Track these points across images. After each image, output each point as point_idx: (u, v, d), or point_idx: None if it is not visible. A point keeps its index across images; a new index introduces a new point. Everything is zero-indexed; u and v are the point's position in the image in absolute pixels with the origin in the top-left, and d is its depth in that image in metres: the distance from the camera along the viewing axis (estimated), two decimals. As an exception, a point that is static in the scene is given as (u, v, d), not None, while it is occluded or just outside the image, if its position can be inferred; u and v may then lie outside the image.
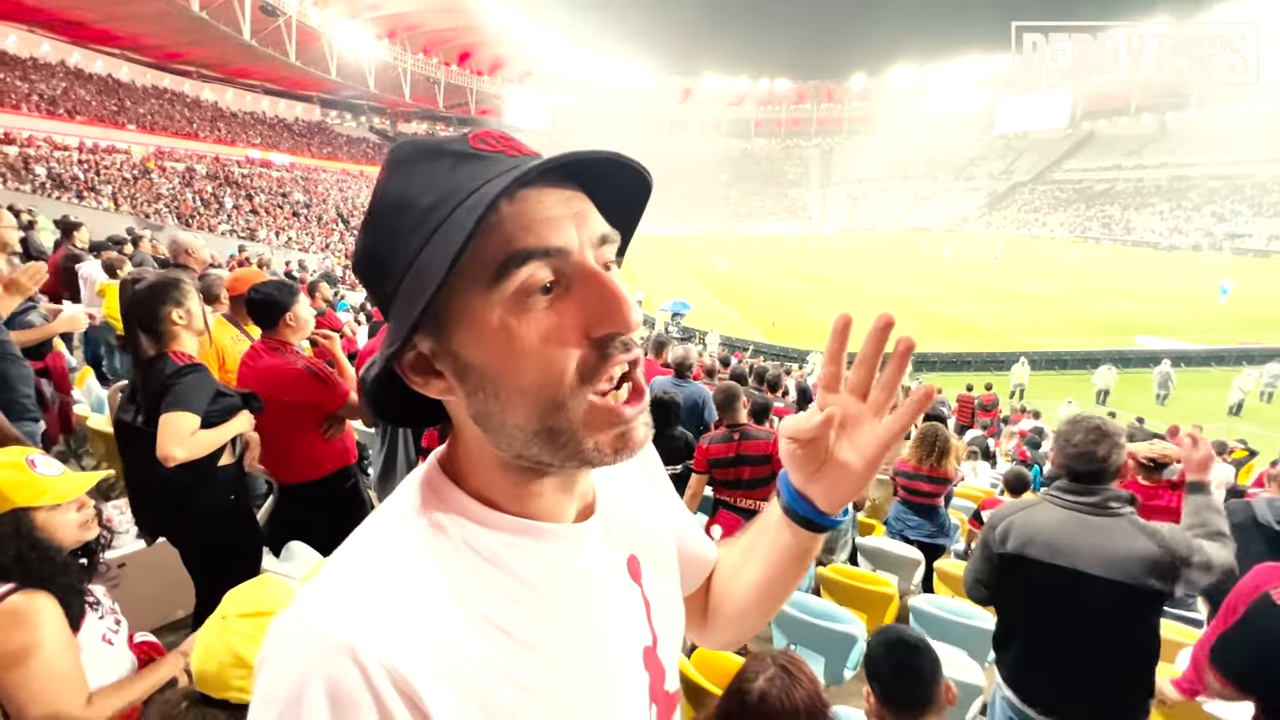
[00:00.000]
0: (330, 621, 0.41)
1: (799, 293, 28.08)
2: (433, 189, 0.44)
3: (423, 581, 0.45)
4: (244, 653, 1.02)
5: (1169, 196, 52.91)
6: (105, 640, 1.38)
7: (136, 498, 2.05)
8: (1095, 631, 1.76)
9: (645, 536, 0.62)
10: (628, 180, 0.51)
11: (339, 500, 2.46)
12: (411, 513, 0.48)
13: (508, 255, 0.42)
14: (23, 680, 1.18)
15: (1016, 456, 7.66)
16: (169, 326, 1.95)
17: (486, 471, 0.50)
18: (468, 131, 0.47)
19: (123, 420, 1.96)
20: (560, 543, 0.51)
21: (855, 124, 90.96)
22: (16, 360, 1.91)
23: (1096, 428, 1.79)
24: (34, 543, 1.27)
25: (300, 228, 28.85)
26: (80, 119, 28.60)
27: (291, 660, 0.40)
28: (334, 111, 57.60)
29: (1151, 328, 20.17)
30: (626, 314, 0.45)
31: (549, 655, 0.47)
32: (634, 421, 0.47)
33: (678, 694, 0.63)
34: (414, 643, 0.42)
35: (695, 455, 3.20)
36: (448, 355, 0.46)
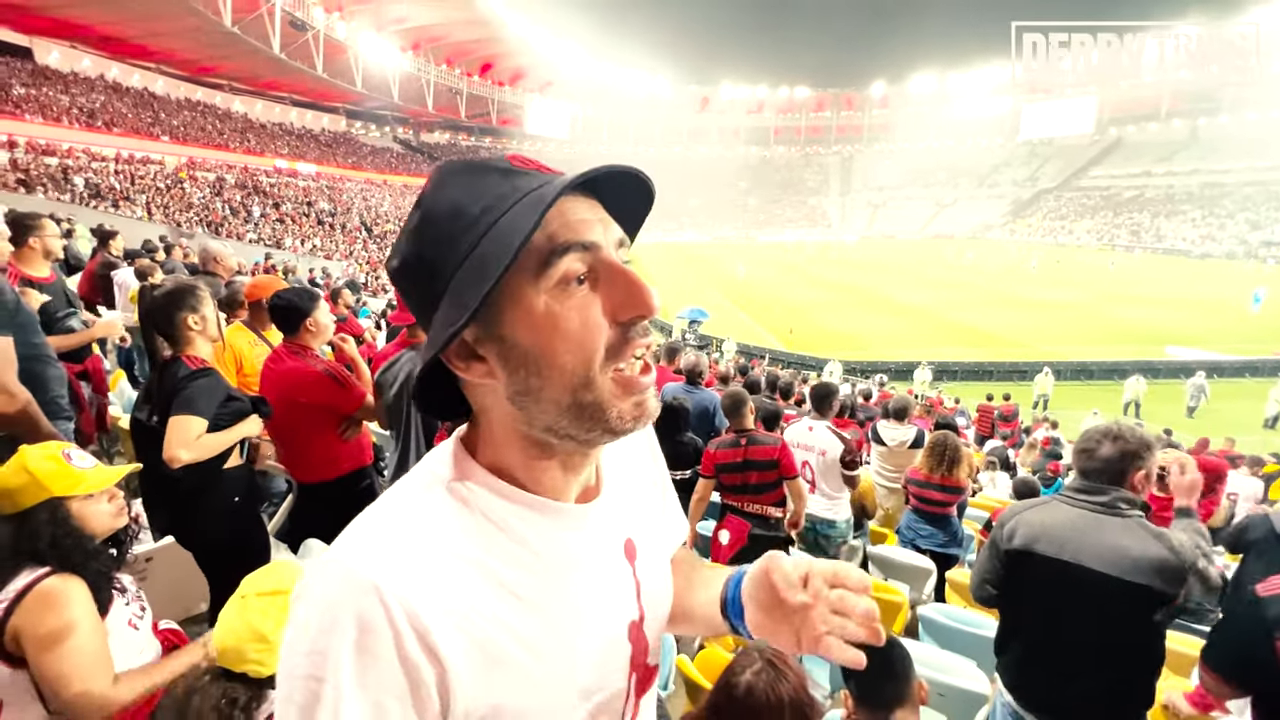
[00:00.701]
0: (362, 563, 0.48)
1: (818, 300, 27.92)
2: (484, 196, 0.51)
3: (443, 539, 0.51)
4: (261, 628, 1.08)
5: (1201, 204, 51.54)
6: (131, 625, 1.45)
7: (148, 494, 2.14)
8: (1095, 631, 1.75)
9: (644, 522, 0.69)
10: (634, 193, 0.58)
11: (355, 499, 2.53)
12: (437, 480, 0.55)
13: (553, 247, 0.50)
14: (56, 659, 1.25)
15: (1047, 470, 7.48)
16: (184, 331, 2.04)
17: (506, 448, 0.57)
18: (506, 154, 0.56)
19: (137, 419, 2.06)
20: (562, 519, 0.58)
21: (875, 131, 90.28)
22: (52, 362, 2.02)
23: (1108, 430, 1.79)
24: (68, 530, 1.35)
25: (325, 236, 29.48)
26: (117, 131, 29.59)
27: (327, 592, 0.47)
28: (359, 122, 58.82)
29: (1182, 338, 19.65)
30: (649, 299, 0.52)
31: (547, 616, 0.54)
32: (648, 390, 0.54)
33: (657, 668, 0.69)
34: (431, 590, 0.48)
35: (703, 460, 3.22)
36: (493, 340, 0.52)
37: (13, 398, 1.78)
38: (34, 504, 1.34)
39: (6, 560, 1.30)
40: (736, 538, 3.09)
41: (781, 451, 3.11)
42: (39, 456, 1.37)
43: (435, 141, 69.15)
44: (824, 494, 3.71)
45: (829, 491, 3.71)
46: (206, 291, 2.11)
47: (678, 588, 0.76)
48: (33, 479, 1.34)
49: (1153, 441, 1.85)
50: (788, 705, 1.16)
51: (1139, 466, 1.77)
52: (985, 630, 2.75)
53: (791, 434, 3.84)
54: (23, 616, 1.25)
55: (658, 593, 0.68)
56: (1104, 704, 1.79)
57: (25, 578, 1.29)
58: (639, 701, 0.65)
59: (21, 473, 1.35)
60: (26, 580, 1.29)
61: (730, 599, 0.67)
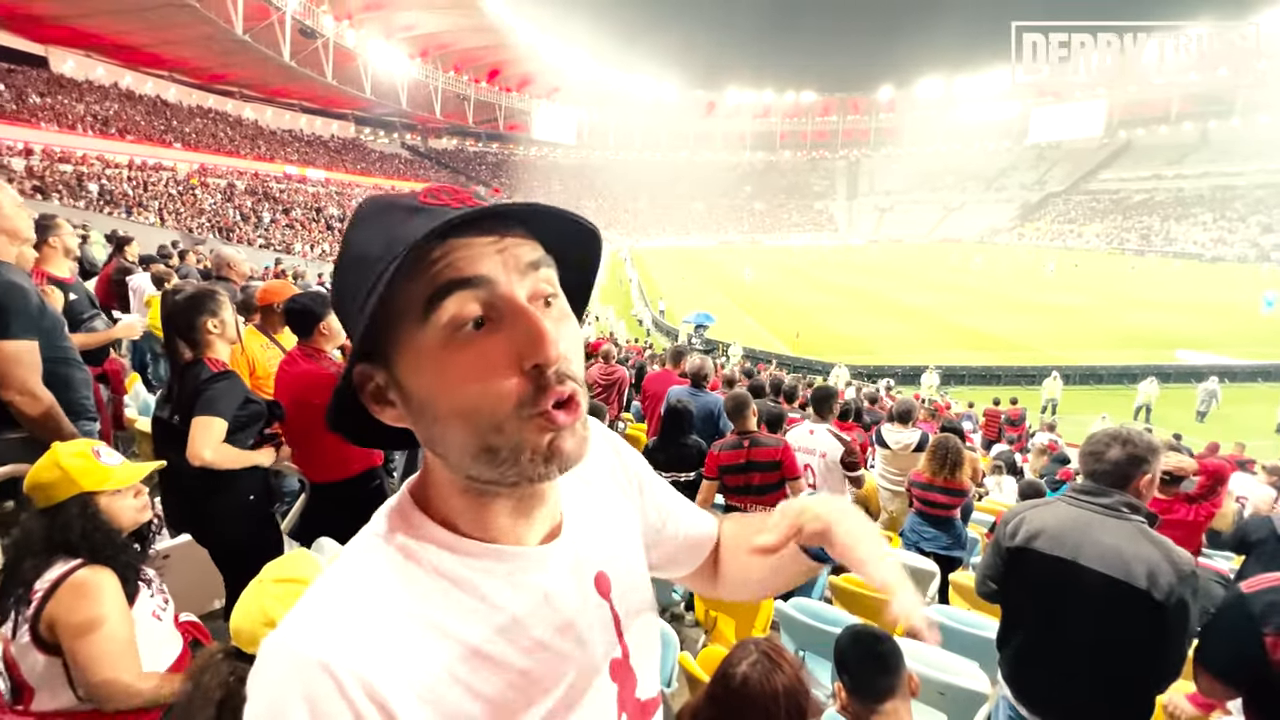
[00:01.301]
0: (305, 641, 0.45)
1: (824, 304, 27.90)
2: (381, 241, 0.49)
3: (390, 602, 0.48)
4: (273, 614, 1.14)
5: (1212, 206, 51.20)
6: (155, 616, 1.52)
7: (167, 492, 2.20)
8: (1093, 629, 1.77)
9: (616, 552, 0.65)
10: (572, 230, 0.55)
11: (365, 499, 2.58)
12: (380, 540, 0.53)
13: (434, 289, 0.47)
14: (87, 646, 1.32)
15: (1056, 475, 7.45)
16: (204, 335, 2.11)
17: (449, 497, 0.54)
18: (421, 189, 0.53)
19: (159, 418, 2.14)
20: (522, 564, 0.55)
21: (882, 135, 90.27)
22: (78, 365, 2.10)
23: (1116, 434, 1.81)
24: (97, 524, 1.42)
25: (334, 241, 29.75)
26: (130, 138, 30.04)
27: (272, 678, 0.45)
28: (367, 128, 59.43)
29: (1193, 341, 19.51)
30: (546, 348, 0.47)
31: (513, 671, 0.51)
32: (563, 429, 0.49)
33: (655, 700, 0.66)
34: (384, 658, 0.45)
35: (706, 461, 3.26)
36: (395, 386, 0.51)
37: (37, 400, 1.84)
38: (65, 498, 1.41)
39: (41, 552, 1.37)
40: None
41: (784, 452, 3.14)
42: (70, 453, 1.44)
43: (443, 147, 69.68)
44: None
45: (831, 494, 3.74)
46: (225, 296, 2.18)
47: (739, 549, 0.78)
48: (64, 474, 1.41)
49: (1159, 446, 1.86)
50: (783, 695, 1.19)
51: (1145, 471, 1.79)
52: (987, 632, 2.77)
53: (793, 437, 3.88)
54: (57, 605, 1.32)
55: (641, 622, 0.65)
56: (1103, 704, 1.80)
57: (59, 568, 1.36)
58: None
59: (54, 468, 1.41)
60: (61, 571, 1.36)
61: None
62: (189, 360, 2.11)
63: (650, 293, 30.18)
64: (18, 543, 1.39)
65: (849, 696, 1.44)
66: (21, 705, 1.36)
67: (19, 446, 1.88)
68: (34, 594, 1.33)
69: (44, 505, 1.41)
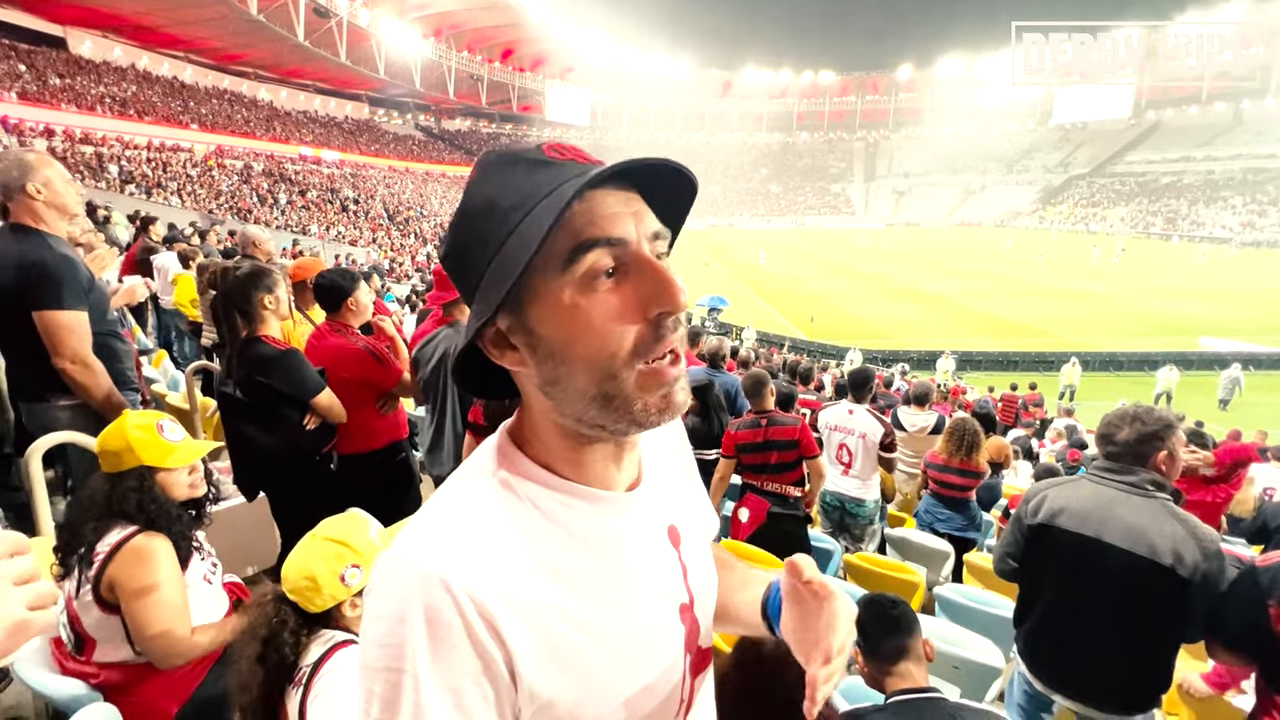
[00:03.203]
0: (426, 558, 0.50)
1: (840, 290, 27.65)
2: (513, 193, 0.52)
3: (497, 529, 0.53)
4: (313, 569, 1.21)
5: (1243, 189, 49.73)
6: (205, 580, 1.61)
7: (238, 460, 2.33)
8: (1114, 606, 1.77)
9: (685, 508, 0.71)
10: (676, 183, 0.57)
11: (392, 470, 2.67)
12: (485, 473, 0.58)
13: (577, 244, 0.50)
14: (143, 606, 1.41)
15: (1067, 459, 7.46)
16: (260, 310, 2.21)
17: (548, 440, 0.58)
18: (543, 143, 0.56)
19: (224, 393, 2.24)
20: (609, 507, 0.59)
21: (902, 116, 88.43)
22: (122, 338, 2.18)
23: (1126, 412, 1.81)
24: (153, 497, 1.51)
25: (349, 223, 29.93)
26: (148, 119, 30.27)
27: (395, 588, 0.49)
28: (381, 110, 59.28)
29: (1218, 328, 19.11)
30: (677, 295, 0.52)
31: (602, 601, 0.55)
32: (676, 383, 0.54)
33: (710, 651, 0.70)
34: (493, 580, 0.50)
35: (724, 441, 3.29)
36: (522, 330, 0.54)
37: (89, 369, 1.92)
38: (127, 469, 1.50)
39: (102, 515, 1.45)
40: (756, 516, 3.17)
41: (802, 432, 3.17)
42: (136, 425, 1.52)
43: (456, 129, 69.42)
44: (857, 475, 3.77)
45: (862, 473, 3.77)
46: (279, 274, 2.27)
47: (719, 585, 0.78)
48: (128, 446, 1.50)
49: (1173, 420, 1.84)
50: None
51: (1159, 448, 1.78)
52: (1001, 610, 2.80)
53: (830, 416, 3.89)
54: (117, 567, 1.41)
55: (703, 576, 0.69)
56: (1120, 681, 1.82)
57: (118, 533, 1.45)
58: (694, 682, 0.66)
59: (120, 438, 1.50)
60: (120, 536, 1.44)
61: (771, 599, 0.69)
62: (246, 337, 2.20)
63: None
64: (82, 501, 1.47)
65: (866, 659, 1.48)
66: (84, 655, 1.45)
67: (70, 413, 1.96)
68: (96, 555, 1.41)
69: (109, 470, 1.49)
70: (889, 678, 1.44)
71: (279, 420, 2.25)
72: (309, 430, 2.30)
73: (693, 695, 0.66)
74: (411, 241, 30.62)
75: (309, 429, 2.30)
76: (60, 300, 1.86)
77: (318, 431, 2.35)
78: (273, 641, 1.15)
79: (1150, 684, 1.83)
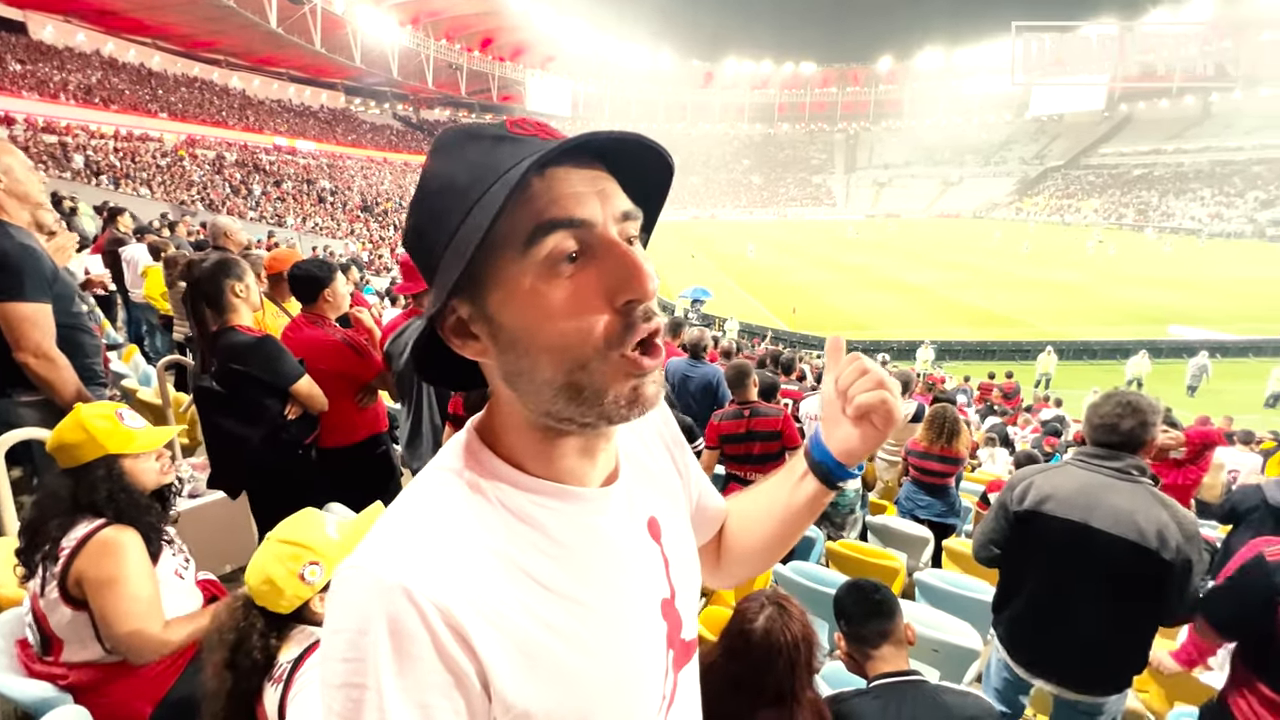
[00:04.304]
0: (387, 567, 0.46)
1: (822, 281, 27.84)
2: (471, 170, 0.48)
3: (464, 534, 0.50)
4: (271, 572, 1.19)
5: (1210, 181, 50.97)
6: (178, 575, 1.56)
7: (217, 455, 2.28)
8: (1096, 589, 1.81)
9: (665, 500, 0.69)
10: (651, 161, 0.54)
11: (371, 464, 2.63)
12: (452, 474, 0.54)
13: (537, 225, 0.47)
14: (113, 601, 1.37)
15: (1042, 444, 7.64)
16: (230, 298, 2.16)
17: (517, 436, 0.55)
18: (505, 118, 0.52)
19: (202, 386, 2.19)
20: (584, 504, 0.57)
21: (882, 108, 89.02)
22: (89, 331, 2.12)
23: (1128, 402, 1.83)
24: (123, 485, 1.46)
25: (326, 214, 29.39)
26: (115, 107, 29.34)
27: (355, 599, 0.46)
28: (358, 99, 58.16)
29: (1187, 317, 19.63)
30: (644, 282, 0.48)
31: (577, 603, 0.53)
32: (647, 375, 0.50)
33: (694, 642, 0.69)
34: (461, 587, 0.47)
35: (707, 431, 3.30)
36: (483, 318, 0.51)
37: (51, 363, 1.85)
38: (91, 459, 1.44)
39: (67, 511, 1.41)
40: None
41: (784, 422, 3.19)
42: (95, 415, 1.47)
43: (435, 118, 68.38)
44: None
45: None
46: (247, 263, 2.22)
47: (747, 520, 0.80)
48: (90, 437, 1.44)
49: (1159, 405, 1.90)
50: (801, 641, 1.27)
51: (1152, 435, 1.84)
52: (979, 594, 2.86)
53: (811, 406, 3.93)
54: (84, 562, 1.36)
55: (686, 567, 0.68)
56: (1102, 664, 1.87)
57: (85, 527, 1.40)
58: (678, 676, 0.64)
59: (79, 430, 1.44)
60: (87, 529, 1.40)
61: (817, 453, 0.70)
62: (216, 328, 2.16)
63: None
64: (42, 502, 1.42)
65: (847, 642, 1.50)
66: (51, 656, 1.41)
67: (34, 410, 1.90)
68: (61, 551, 1.37)
69: (69, 465, 1.44)
70: (871, 661, 1.46)
71: (259, 411, 2.20)
72: (291, 421, 2.26)
73: (675, 690, 0.64)
74: (391, 234, 30.14)
75: (291, 419, 2.26)
76: (21, 291, 1.79)
77: (300, 422, 2.31)
78: (242, 645, 1.14)
79: (1129, 665, 1.88)
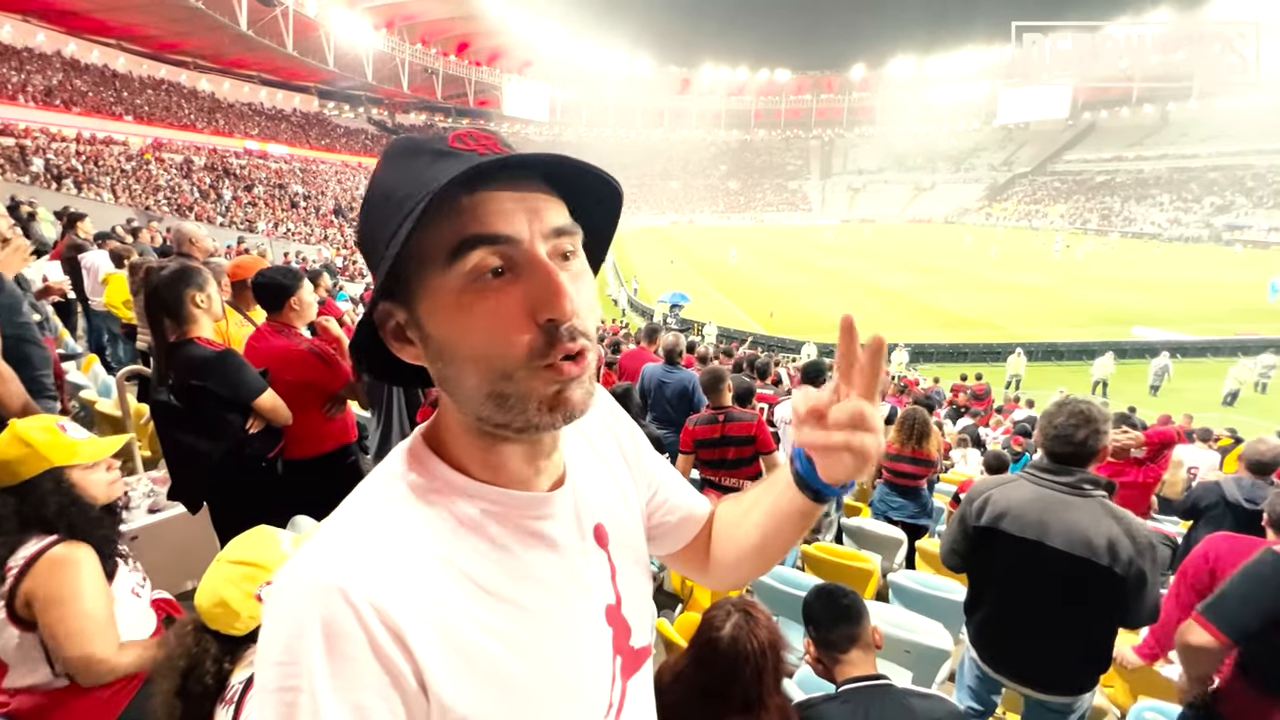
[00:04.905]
0: (323, 569, 0.46)
1: (799, 285, 28.14)
2: (409, 181, 0.49)
3: (405, 537, 0.50)
4: (224, 594, 1.14)
5: (1169, 188, 52.75)
6: (134, 593, 1.51)
7: (176, 470, 2.20)
8: (1058, 603, 1.86)
9: (614, 508, 0.68)
10: (595, 183, 0.55)
11: (340, 475, 2.58)
12: (395, 479, 0.55)
13: (461, 239, 0.48)
14: (65, 621, 1.31)
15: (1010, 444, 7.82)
16: (191, 309, 2.09)
17: (461, 441, 0.56)
18: (449, 131, 0.53)
19: (159, 401, 2.11)
20: (526, 509, 0.57)
21: (855, 115, 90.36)
22: (38, 343, 2.04)
23: (1080, 412, 1.85)
24: (73, 498, 1.40)
25: (299, 219, 28.86)
26: (77, 110, 28.47)
27: (290, 602, 0.46)
28: (332, 103, 57.30)
29: (1149, 319, 20.27)
30: (561, 303, 0.49)
31: (517, 607, 0.53)
32: (570, 380, 0.51)
33: (647, 650, 0.69)
34: (398, 588, 0.47)
35: (683, 436, 3.31)
36: (415, 325, 0.53)
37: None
38: (36, 474, 1.38)
39: (14, 530, 1.35)
40: (715, 511, 3.19)
41: (758, 427, 3.21)
42: (35, 428, 1.41)
43: (411, 123, 67.71)
44: None
45: None
46: (209, 272, 2.15)
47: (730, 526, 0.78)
48: (32, 450, 1.38)
49: (1109, 414, 1.95)
50: (767, 648, 1.27)
51: (1105, 444, 1.88)
52: (951, 594, 2.90)
53: (785, 410, 3.95)
54: (34, 580, 1.31)
55: (634, 574, 0.68)
56: (1065, 667, 1.92)
57: (35, 544, 1.34)
58: (626, 684, 0.64)
59: (18, 444, 1.38)
60: (37, 547, 1.34)
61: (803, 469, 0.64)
62: (176, 339, 2.08)
63: (625, 272, 30.04)
64: None
65: (816, 647, 1.51)
66: (-7, 682, 1.35)
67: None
68: (8, 570, 1.31)
69: (10, 483, 1.38)
70: (839, 666, 1.46)
71: (220, 426, 2.14)
72: (253, 434, 2.20)
73: (624, 697, 0.64)
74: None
75: (253, 432, 2.20)
76: None
77: (263, 435, 2.25)
78: (193, 673, 1.09)
79: (1093, 666, 1.93)
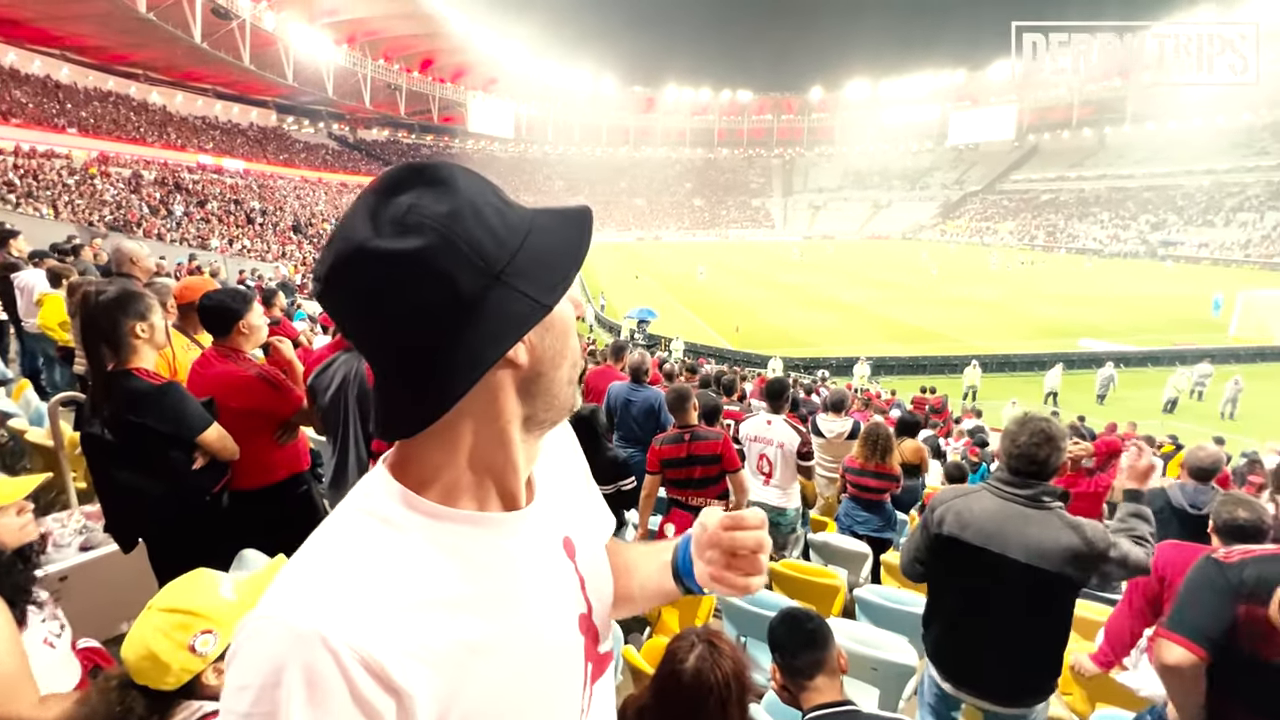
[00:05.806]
0: (300, 614, 0.45)
1: (763, 299, 28.59)
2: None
3: (379, 570, 0.50)
4: (153, 645, 1.06)
5: (1108, 206, 55.67)
6: (47, 644, 1.39)
7: (111, 507, 2.06)
8: (1016, 613, 1.89)
9: (579, 521, 0.72)
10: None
11: (292, 505, 2.46)
12: (363, 511, 0.55)
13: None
14: None
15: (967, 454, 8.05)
16: (131, 339, 1.95)
17: (444, 468, 0.56)
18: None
19: (90, 434, 1.96)
20: (500, 529, 0.59)
21: (815, 135, 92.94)
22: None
23: (1042, 430, 1.89)
24: None
25: (255, 236, 28.02)
26: (16, 121, 27.23)
27: (266, 651, 0.44)
28: (291, 117, 56.13)
29: (1094, 331, 21.25)
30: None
31: (501, 624, 0.55)
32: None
33: (609, 655, 0.73)
34: (379, 626, 0.46)
35: (649, 456, 3.28)
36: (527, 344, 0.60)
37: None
38: None
39: None
40: (682, 531, 3.16)
41: (724, 446, 3.20)
42: None
43: (373, 139, 66.82)
44: (777, 485, 3.85)
45: (783, 482, 3.85)
46: (154, 298, 2.02)
47: (617, 572, 0.79)
48: None
49: (1066, 430, 2.01)
50: (732, 680, 1.24)
51: (1063, 460, 1.94)
52: (915, 608, 2.93)
53: (750, 428, 3.97)
54: None
55: (600, 583, 0.72)
56: (1021, 675, 1.95)
57: None
58: (593, 688, 0.68)
59: None
60: None
61: (681, 559, 0.74)
62: (113, 369, 1.93)
63: (592, 288, 30.05)
64: None
65: (782, 674, 1.49)
66: (-109, 751, 1.22)
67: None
68: None
69: None
70: (805, 692, 1.45)
71: (160, 463, 2.01)
72: (196, 469, 2.08)
73: (591, 701, 0.68)
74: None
75: (196, 468, 2.09)
76: None
77: (206, 469, 2.13)
78: None
79: (1048, 674, 1.96)
